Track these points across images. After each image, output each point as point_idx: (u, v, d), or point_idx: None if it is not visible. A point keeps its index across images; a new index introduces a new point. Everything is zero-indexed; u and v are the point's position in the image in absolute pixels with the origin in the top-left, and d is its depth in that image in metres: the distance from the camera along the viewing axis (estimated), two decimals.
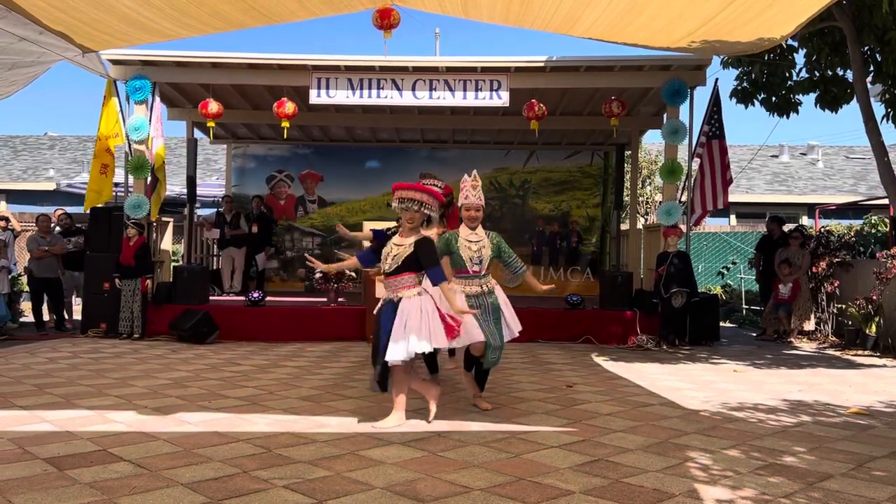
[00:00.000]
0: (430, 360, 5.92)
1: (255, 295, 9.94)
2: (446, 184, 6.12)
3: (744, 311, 13.54)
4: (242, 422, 4.73)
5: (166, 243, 10.85)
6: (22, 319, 11.24)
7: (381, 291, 7.21)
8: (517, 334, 5.28)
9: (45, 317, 10.55)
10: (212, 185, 18.11)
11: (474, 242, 5.08)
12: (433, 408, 4.83)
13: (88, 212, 10.27)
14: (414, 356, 4.59)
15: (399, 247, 4.68)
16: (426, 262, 4.60)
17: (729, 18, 6.89)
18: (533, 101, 10.12)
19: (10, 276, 10.45)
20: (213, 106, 9.98)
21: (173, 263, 11.41)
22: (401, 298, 4.63)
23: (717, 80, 10.05)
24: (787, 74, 9.96)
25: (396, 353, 4.49)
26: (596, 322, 9.78)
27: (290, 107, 9.94)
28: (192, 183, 11.90)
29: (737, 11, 6.67)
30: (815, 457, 4.03)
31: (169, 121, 12.28)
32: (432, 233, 5.55)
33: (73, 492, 3.28)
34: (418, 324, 4.53)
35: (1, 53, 7.35)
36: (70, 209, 12.88)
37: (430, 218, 5.03)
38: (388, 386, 4.67)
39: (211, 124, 10.40)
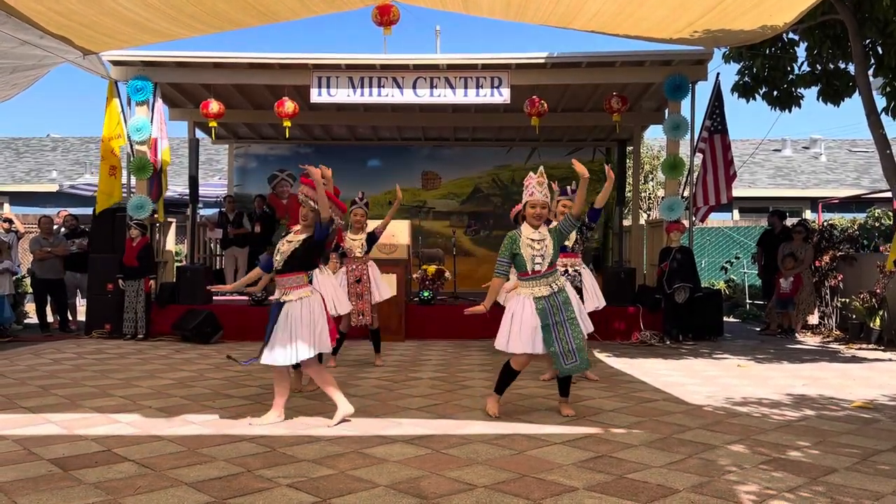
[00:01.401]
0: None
1: (259, 294, 9.95)
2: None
3: (747, 306, 13.52)
4: (247, 421, 4.74)
5: (169, 244, 10.86)
6: (26, 321, 11.27)
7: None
8: (590, 328, 5.12)
9: (49, 318, 10.58)
10: (214, 184, 18.13)
11: (537, 241, 4.75)
12: (338, 417, 4.70)
13: (91, 213, 10.30)
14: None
15: (289, 243, 4.71)
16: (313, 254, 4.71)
17: (731, 7, 6.86)
18: (534, 97, 10.11)
19: (13, 278, 10.47)
20: (214, 106, 9.99)
21: (176, 264, 11.43)
22: (284, 302, 4.64)
23: (718, 74, 10.05)
24: (789, 68, 9.93)
25: (280, 358, 4.55)
26: (599, 318, 9.73)
27: (289, 106, 9.94)
28: (194, 183, 11.92)
29: (736, 1, 6.65)
30: (819, 451, 4.03)
31: (170, 121, 12.30)
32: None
33: (77, 492, 3.29)
34: (305, 329, 4.58)
35: (3, 58, 7.36)
36: (72, 211, 12.89)
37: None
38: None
39: (213, 124, 10.41)
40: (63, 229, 11.23)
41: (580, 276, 6.09)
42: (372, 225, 7.37)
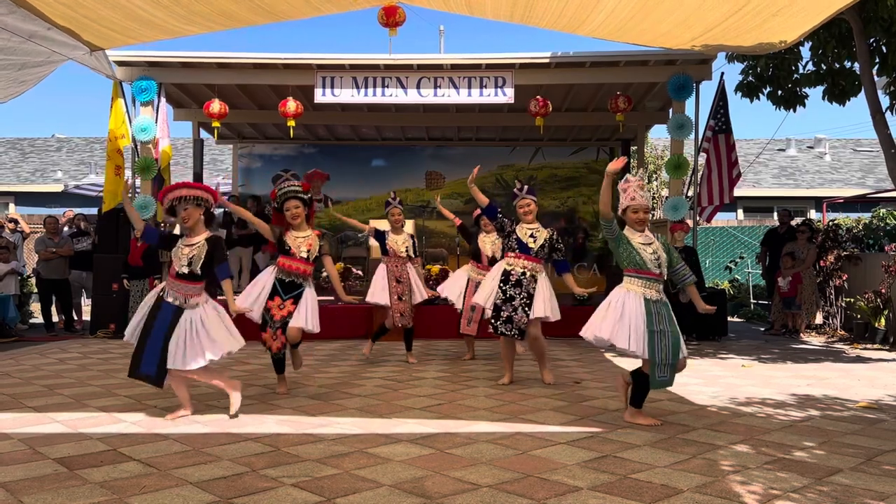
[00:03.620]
0: (278, 362, 5.76)
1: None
2: (303, 181, 6.10)
3: (752, 306, 13.50)
4: (251, 421, 4.75)
5: None
6: (31, 321, 11.31)
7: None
8: (685, 354, 4.66)
9: (55, 318, 10.61)
10: (219, 184, 18.15)
11: (648, 245, 4.63)
12: (235, 400, 4.85)
13: (96, 213, 10.33)
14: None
15: (191, 247, 4.73)
16: (218, 259, 4.78)
17: (733, 27, 6.90)
18: (538, 97, 10.11)
19: (19, 278, 10.52)
20: (216, 105, 10.01)
21: None
22: (184, 308, 4.75)
23: (722, 73, 10.13)
24: (794, 67, 9.91)
25: (192, 362, 4.65)
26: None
27: (291, 105, 9.96)
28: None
29: (741, 20, 6.67)
30: (824, 451, 4.02)
31: (175, 121, 12.34)
32: (308, 234, 5.64)
33: (83, 491, 3.30)
34: (213, 332, 4.74)
35: (11, 54, 7.38)
36: (78, 210, 12.93)
37: (211, 214, 4.96)
38: (163, 383, 4.75)
39: (216, 124, 10.43)
40: (66, 228, 11.26)
41: (536, 284, 5.93)
42: (383, 225, 7.43)
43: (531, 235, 5.96)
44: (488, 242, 7.46)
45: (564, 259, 6.14)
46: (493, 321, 5.91)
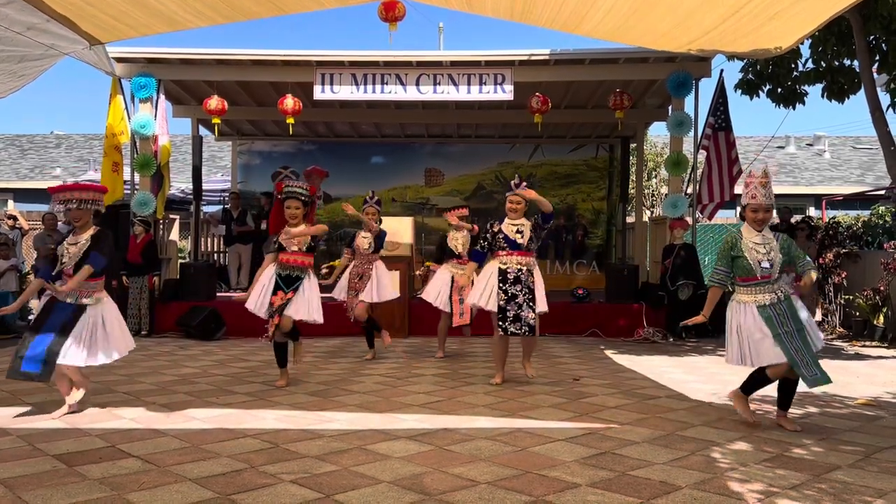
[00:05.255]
0: (278, 351, 5.87)
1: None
2: (311, 184, 6.08)
3: None
4: (250, 417, 4.75)
5: (173, 240, 10.88)
6: (30, 317, 11.30)
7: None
8: (819, 346, 4.48)
9: None
10: (217, 181, 18.15)
11: (762, 245, 4.47)
12: (78, 395, 4.84)
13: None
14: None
15: (74, 245, 4.77)
16: (97, 248, 4.77)
17: (730, 29, 6.90)
18: (537, 94, 10.11)
19: (18, 275, 10.51)
20: (213, 102, 10.00)
21: (180, 260, 11.46)
22: (85, 305, 4.76)
23: (721, 71, 10.06)
24: (793, 65, 9.91)
25: (78, 359, 4.67)
26: (602, 315, 9.77)
27: (289, 102, 9.95)
28: (197, 180, 11.93)
29: (739, 23, 6.67)
30: (822, 448, 4.02)
31: (174, 118, 12.33)
32: (299, 227, 5.67)
33: (82, 488, 3.30)
34: (106, 333, 4.79)
35: (9, 45, 7.32)
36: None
37: (98, 210, 4.97)
38: (51, 377, 4.74)
39: (216, 121, 10.43)
40: (60, 225, 11.24)
41: (533, 277, 5.93)
42: (387, 223, 7.47)
43: (518, 231, 5.95)
44: (459, 238, 7.55)
45: (544, 215, 5.97)
46: (500, 323, 5.87)
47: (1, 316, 9.52)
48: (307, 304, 5.67)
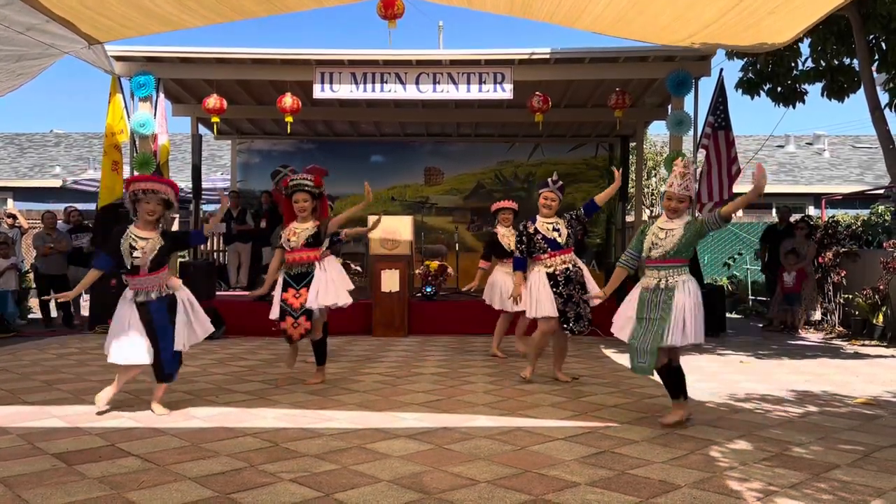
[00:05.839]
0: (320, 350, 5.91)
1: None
2: (317, 175, 5.99)
3: (750, 302, 13.51)
4: (250, 416, 4.75)
5: None
6: (30, 316, 11.30)
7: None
8: (676, 342, 4.39)
9: (53, 313, 10.60)
10: (216, 179, 18.16)
11: (664, 231, 4.52)
12: (102, 401, 4.86)
13: (94, 209, 10.33)
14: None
15: (146, 240, 4.73)
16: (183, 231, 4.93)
17: (729, 24, 6.89)
18: (538, 93, 10.10)
19: (18, 274, 10.51)
20: (212, 101, 9.99)
21: (180, 259, 11.45)
22: (172, 293, 4.88)
23: (721, 70, 10.05)
24: (793, 64, 9.91)
25: (191, 340, 4.95)
26: (602, 314, 9.75)
27: (288, 101, 9.93)
28: (197, 178, 11.92)
29: (738, 17, 6.67)
30: (822, 447, 4.03)
31: (174, 117, 12.32)
32: (308, 225, 5.64)
33: (81, 487, 3.30)
34: (195, 312, 4.98)
35: (8, 44, 7.32)
36: (76, 206, 12.91)
37: (170, 203, 4.88)
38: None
39: (215, 119, 10.41)
40: (59, 223, 11.24)
41: (581, 271, 5.97)
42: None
43: (555, 229, 5.91)
44: (510, 236, 7.29)
45: (586, 205, 6.09)
46: (564, 325, 5.80)
47: (1, 315, 9.54)
48: (322, 292, 5.57)
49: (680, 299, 4.41)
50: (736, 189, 10.53)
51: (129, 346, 4.73)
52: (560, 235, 5.90)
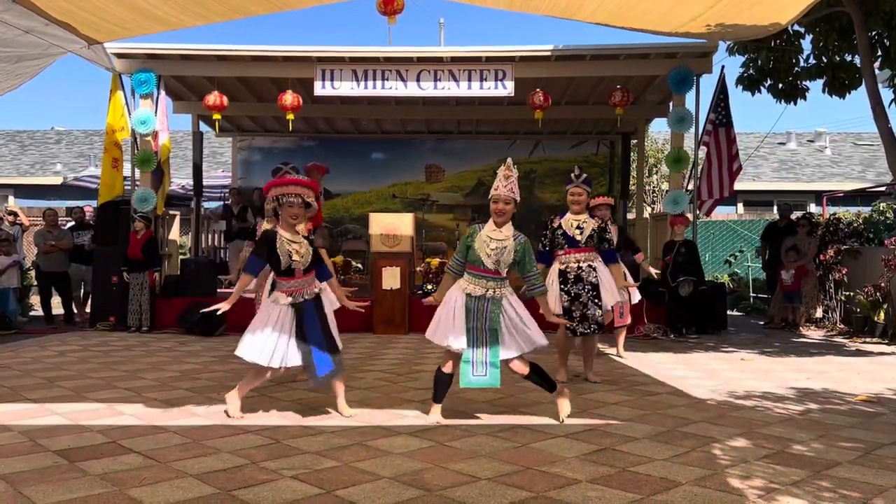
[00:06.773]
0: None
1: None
2: (311, 179, 5.84)
3: (751, 300, 13.51)
4: (251, 413, 4.75)
5: (174, 236, 10.88)
6: (31, 313, 11.31)
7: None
8: (509, 354, 4.47)
9: (55, 310, 10.61)
10: (217, 176, 18.16)
11: (494, 241, 4.45)
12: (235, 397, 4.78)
13: (94, 206, 10.33)
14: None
15: (299, 244, 4.66)
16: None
17: (730, 5, 6.86)
18: (538, 90, 10.09)
19: (20, 271, 10.51)
20: (213, 98, 9.98)
21: (181, 256, 11.46)
22: (318, 295, 4.81)
23: (723, 67, 10.14)
24: (794, 61, 9.89)
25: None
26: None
27: (288, 98, 9.93)
28: (198, 176, 11.93)
29: None
30: (823, 445, 4.03)
31: (174, 114, 12.32)
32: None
33: (83, 484, 3.31)
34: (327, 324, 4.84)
35: (7, 46, 7.34)
36: (78, 203, 12.92)
37: (309, 204, 4.76)
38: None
39: (216, 117, 10.41)
40: (62, 220, 11.25)
41: (595, 272, 5.78)
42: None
43: (578, 227, 5.77)
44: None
45: (612, 249, 5.94)
46: (567, 326, 5.68)
47: (2, 313, 9.55)
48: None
49: (509, 310, 4.47)
50: (737, 187, 10.53)
51: (283, 348, 4.59)
52: (581, 233, 5.76)
